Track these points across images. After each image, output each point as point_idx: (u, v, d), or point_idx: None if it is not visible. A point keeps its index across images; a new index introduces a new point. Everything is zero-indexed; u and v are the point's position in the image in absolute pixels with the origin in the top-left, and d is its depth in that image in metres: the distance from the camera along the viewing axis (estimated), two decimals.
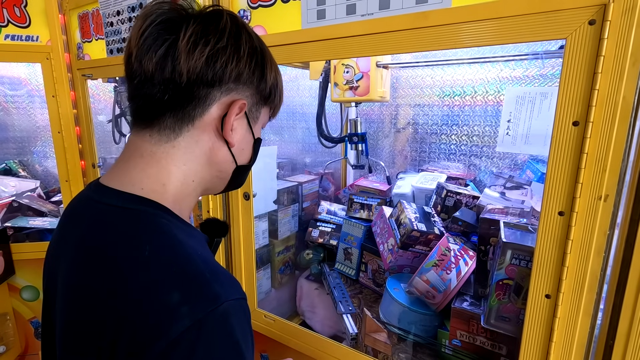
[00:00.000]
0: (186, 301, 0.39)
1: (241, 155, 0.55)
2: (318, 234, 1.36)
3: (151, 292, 0.40)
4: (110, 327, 0.39)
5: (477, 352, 0.87)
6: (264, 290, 1.35)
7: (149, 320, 0.38)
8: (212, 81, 0.47)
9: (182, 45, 0.45)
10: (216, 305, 0.40)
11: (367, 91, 1.23)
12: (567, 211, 0.58)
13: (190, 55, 0.45)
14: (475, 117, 1.26)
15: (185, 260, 0.43)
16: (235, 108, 0.50)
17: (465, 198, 1.12)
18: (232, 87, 0.49)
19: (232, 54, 0.47)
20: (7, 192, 1.76)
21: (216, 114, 0.50)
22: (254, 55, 0.50)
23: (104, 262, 0.43)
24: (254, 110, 0.54)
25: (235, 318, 0.41)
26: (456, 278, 0.93)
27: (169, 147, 0.49)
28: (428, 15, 0.65)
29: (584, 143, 0.55)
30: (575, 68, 0.55)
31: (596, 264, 0.58)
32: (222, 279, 0.43)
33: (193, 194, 0.53)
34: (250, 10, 0.90)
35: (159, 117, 0.48)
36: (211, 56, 0.46)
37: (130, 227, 0.45)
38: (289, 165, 1.77)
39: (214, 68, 0.47)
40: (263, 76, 0.52)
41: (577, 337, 0.61)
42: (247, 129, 0.54)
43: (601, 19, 0.52)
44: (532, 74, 1.12)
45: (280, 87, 0.58)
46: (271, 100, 0.57)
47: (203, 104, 0.48)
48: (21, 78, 1.93)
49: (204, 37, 0.46)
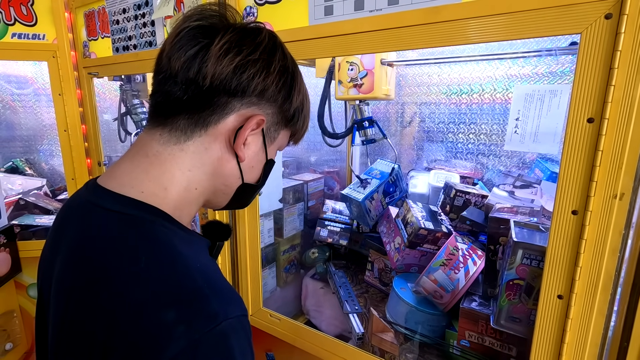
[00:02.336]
0: (182, 320, 0.37)
1: (250, 173, 0.54)
2: (327, 234, 1.35)
3: (146, 310, 0.38)
4: (102, 341, 0.38)
5: (485, 353, 0.86)
6: (269, 289, 1.35)
7: (143, 340, 0.36)
8: (234, 90, 0.46)
9: (214, 49, 0.44)
10: (214, 325, 0.38)
11: (372, 89, 1.21)
12: (580, 210, 0.57)
13: (220, 61, 0.44)
14: (483, 115, 1.24)
15: (183, 274, 0.41)
16: (253, 122, 0.48)
17: (474, 197, 1.11)
18: (254, 101, 0.48)
19: (262, 68, 0.47)
20: (14, 190, 1.77)
21: (232, 124, 0.48)
22: (284, 74, 0.50)
23: (98, 272, 0.41)
24: (273, 130, 0.53)
25: (234, 338, 0.39)
26: (464, 278, 0.92)
27: (177, 149, 0.47)
28: (439, 11, 0.64)
29: (599, 140, 0.54)
30: (590, 64, 0.53)
31: (611, 264, 0.56)
32: (222, 294, 0.41)
33: (195, 202, 0.51)
34: (257, 7, 0.89)
35: (174, 116, 0.47)
36: (240, 66, 0.45)
37: (127, 236, 0.43)
38: (294, 164, 1.76)
39: (240, 78, 0.46)
40: (289, 97, 0.51)
41: (590, 339, 0.60)
42: (261, 148, 0.53)
43: (618, 13, 0.50)
44: (542, 72, 1.11)
45: (305, 113, 0.56)
46: (293, 124, 0.55)
47: (221, 112, 0.47)
48: (28, 77, 1.94)
49: (237, 46, 0.45)
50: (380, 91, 1.22)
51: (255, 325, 1.13)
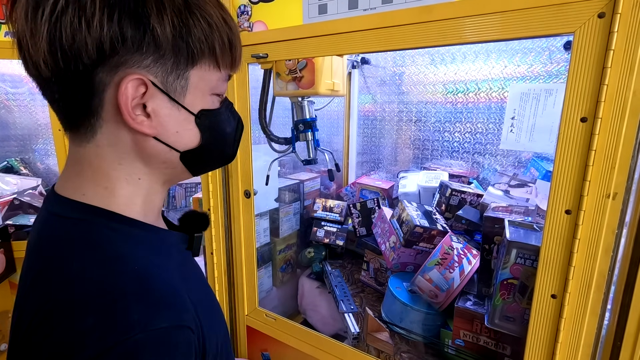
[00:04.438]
0: (98, 327, 0.34)
1: (180, 139, 0.43)
2: (324, 234, 1.34)
3: (69, 313, 0.35)
4: (36, 342, 0.36)
5: (480, 352, 0.86)
6: (265, 288, 1.35)
7: (61, 345, 0.34)
8: (75, 64, 0.35)
9: (21, 28, 0.35)
10: (128, 336, 0.33)
11: (312, 83, 1.00)
12: (574, 209, 0.57)
13: (34, 39, 0.34)
14: (479, 114, 1.24)
15: (113, 278, 0.37)
16: (127, 87, 0.37)
17: (469, 196, 1.11)
18: (116, 62, 0.36)
19: (76, 15, 0.34)
20: (8, 190, 1.76)
21: (115, 101, 0.38)
22: (114, 7, 0.35)
23: (38, 277, 0.39)
24: (173, 80, 0.40)
25: (150, 351, 0.34)
26: (459, 277, 0.92)
27: (93, 147, 0.41)
28: (431, 10, 0.64)
29: (592, 140, 0.54)
30: (583, 63, 0.53)
31: (604, 263, 0.56)
32: (151, 302, 0.36)
33: (150, 191, 0.45)
34: (250, 5, 0.88)
35: (68, 117, 0.41)
36: (52, 31, 0.34)
37: (65, 239, 0.40)
38: (290, 163, 1.76)
39: (62, 46, 0.34)
40: (149, 30, 0.36)
41: (583, 338, 0.60)
42: (173, 106, 0.41)
43: (611, 12, 0.50)
44: (537, 71, 1.11)
45: (204, 32, 0.40)
46: (194, 57, 0.40)
47: (97, 93, 0.38)
48: (22, 76, 1.92)
49: (39, 6, 0.34)
50: (323, 86, 1.02)
51: (250, 325, 1.13)
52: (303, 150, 1.17)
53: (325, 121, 1.62)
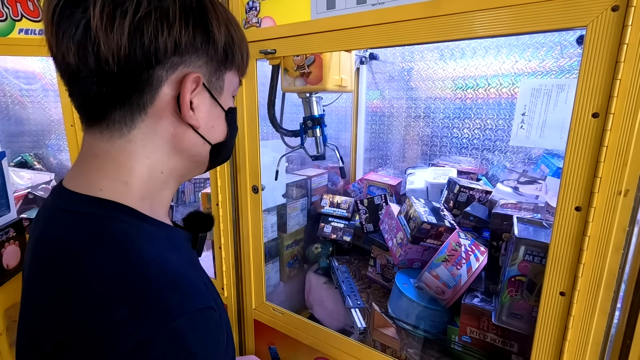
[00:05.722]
0: (134, 317, 0.35)
1: (213, 134, 0.48)
2: (331, 230, 1.35)
3: (99, 307, 0.36)
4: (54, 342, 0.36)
5: (487, 349, 0.85)
6: (273, 283, 1.36)
7: (93, 341, 0.34)
8: (147, 61, 0.39)
9: (96, 24, 0.36)
10: (170, 321, 0.35)
11: (320, 79, 1.02)
12: (584, 206, 0.56)
13: (109, 36, 0.37)
14: (489, 110, 1.23)
15: (137, 270, 0.38)
16: (188, 84, 0.42)
17: (478, 193, 1.10)
18: (176, 61, 0.42)
19: (158, 20, 0.38)
20: (23, 185, 1.80)
21: (169, 96, 0.42)
22: (189, 15, 0.41)
23: (53, 273, 0.39)
24: (214, 80, 0.46)
25: (192, 332, 0.36)
26: (466, 274, 0.91)
27: (124, 142, 0.43)
28: (441, 4, 0.63)
29: (604, 135, 0.53)
30: (596, 57, 0.52)
31: (614, 261, 0.56)
32: (181, 288, 0.38)
33: (165, 186, 0.47)
34: (259, 1, 0.88)
35: (105, 112, 0.42)
36: (133, 30, 0.38)
37: (82, 235, 0.40)
38: (298, 159, 1.76)
39: (142, 45, 0.38)
40: (210, 37, 0.43)
41: (592, 336, 0.59)
42: (212, 103, 0.47)
43: (625, 5, 0.49)
44: (549, 66, 1.09)
45: (239, 42, 0.48)
46: (231, 62, 0.48)
47: (150, 89, 0.41)
48: (35, 72, 1.96)
49: (119, 6, 0.37)
50: (331, 82, 1.03)
51: (258, 319, 1.14)
52: (310, 146, 1.18)
53: (333, 117, 1.61)
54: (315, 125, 1.13)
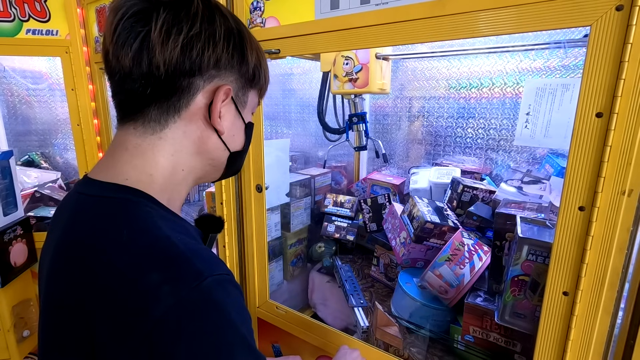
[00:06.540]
0: (167, 281, 0.39)
1: (233, 142, 0.55)
2: (334, 229, 1.35)
3: (130, 275, 0.39)
4: (88, 314, 0.40)
5: (490, 349, 0.85)
6: (276, 282, 1.37)
7: (130, 304, 0.38)
8: (191, 70, 0.47)
9: (155, 37, 0.44)
10: (199, 281, 0.39)
11: (366, 83, 1.22)
12: (588, 206, 0.56)
13: (165, 47, 0.44)
14: (493, 109, 1.23)
15: (164, 242, 0.42)
16: (221, 94, 0.49)
17: (482, 193, 1.10)
18: (214, 74, 0.49)
19: (207, 39, 0.46)
20: (29, 183, 1.82)
21: (202, 102, 0.49)
22: (230, 38, 0.49)
23: (81, 251, 0.43)
24: (241, 95, 0.54)
25: (221, 291, 0.41)
26: (469, 273, 0.91)
27: (155, 138, 0.49)
28: (445, 3, 0.63)
29: (608, 135, 0.53)
30: (600, 57, 0.52)
31: (618, 261, 0.55)
32: (204, 257, 0.43)
33: (183, 183, 0.53)
34: (263, 1, 0.89)
35: (143, 110, 0.48)
36: (185, 45, 0.45)
37: (108, 213, 0.45)
38: (301, 158, 1.77)
39: (191, 57, 0.46)
40: (244, 58, 0.51)
41: (595, 336, 0.59)
42: (236, 115, 0.54)
43: (629, 4, 0.49)
44: (554, 65, 1.08)
45: (264, 67, 0.56)
46: (256, 82, 0.56)
47: (187, 94, 0.48)
48: (42, 72, 1.98)
49: (176, 25, 0.45)
50: (375, 85, 1.22)
51: (261, 317, 1.15)
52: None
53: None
54: (360, 121, 1.34)
